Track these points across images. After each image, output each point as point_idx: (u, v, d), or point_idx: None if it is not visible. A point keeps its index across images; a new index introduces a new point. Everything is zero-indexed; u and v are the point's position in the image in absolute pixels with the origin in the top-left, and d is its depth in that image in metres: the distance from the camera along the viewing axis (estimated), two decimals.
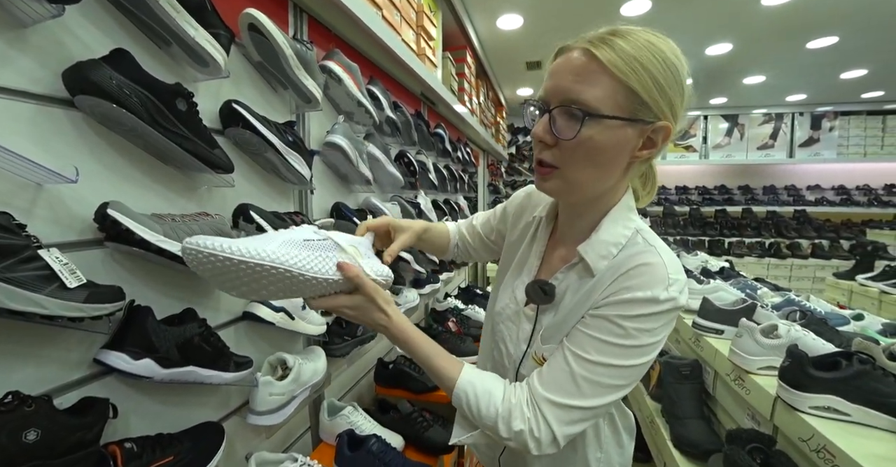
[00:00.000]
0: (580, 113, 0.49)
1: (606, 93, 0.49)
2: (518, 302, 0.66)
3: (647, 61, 0.49)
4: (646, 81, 0.49)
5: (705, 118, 5.26)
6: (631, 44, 0.49)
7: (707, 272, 1.51)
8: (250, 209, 0.82)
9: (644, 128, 0.51)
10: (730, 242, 4.10)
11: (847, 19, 2.81)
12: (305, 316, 1.01)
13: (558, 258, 0.64)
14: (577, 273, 0.59)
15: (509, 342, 0.67)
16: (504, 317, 0.68)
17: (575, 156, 0.52)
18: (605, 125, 0.49)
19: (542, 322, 0.61)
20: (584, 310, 0.55)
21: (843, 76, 4.05)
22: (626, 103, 0.49)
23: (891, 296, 2.43)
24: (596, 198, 0.58)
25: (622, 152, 0.52)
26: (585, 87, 0.49)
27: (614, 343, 0.51)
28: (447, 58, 2.40)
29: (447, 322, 1.82)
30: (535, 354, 0.61)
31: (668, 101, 0.50)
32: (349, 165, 1.20)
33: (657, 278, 0.50)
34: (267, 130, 0.84)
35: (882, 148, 5.16)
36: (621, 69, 0.48)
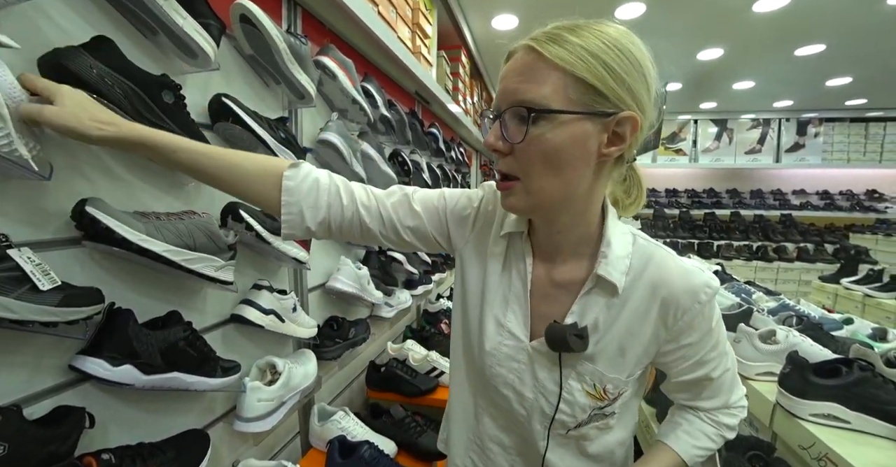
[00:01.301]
0: (525, 112, 0.45)
1: (555, 88, 0.44)
2: (517, 338, 0.57)
3: (596, 49, 0.44)
4: (597, 70, 0.44)
5: (695, 122, 5.33)
6: (577, 35, 0.45)
7: None
8: (239, 207, 0.79)
9: (606, 121, 0.46)
10: (719, 245, 4.16)
11: (834, 28, 2.87)
12: (296, 318, 0.97)
13: (554, 279, 0.56)
14: (598, 297, 0.53)
15: (520, 386, 0.57)
16: (500, 358, 0.58)
17: (532, 161, 0.47)
18: (557, 121, 0.44)
19: (576, 360, 0.54)
20: (652, 322, 0.53)
21: (828, 83, 4.13)
22: (578, 96, 0.44)
23: (873, 300, 2.48)
24: (572, 208, 0.51)
25: (584, 150, 0.46)
26: (531, 86, 0.45)
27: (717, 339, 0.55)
28: (442, 57, 2.38)
29: (440, 323, 1.80)
30: (597, 392, 0.54)
31: (627, 89, 0.45)
32: (342, 163, 1.17)
33: (693, 274, 0.52)
34: (258, 126, 0.81)
35: (864, 154, 5.29)
36: (566, 60, 0.44)
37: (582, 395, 0.55)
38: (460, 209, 0.63)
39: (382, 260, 1.50)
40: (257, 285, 0.89)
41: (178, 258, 0.63)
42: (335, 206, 0.60)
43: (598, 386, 0.54)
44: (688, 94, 4.55)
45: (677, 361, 0.55)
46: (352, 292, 1.24)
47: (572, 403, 0.55)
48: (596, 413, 0.56)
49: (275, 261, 1.01)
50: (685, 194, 5.60)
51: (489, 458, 0.64)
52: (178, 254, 0.64)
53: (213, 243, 0.71)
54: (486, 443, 0.64)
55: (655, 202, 5.50)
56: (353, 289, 1.24)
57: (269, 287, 0.90)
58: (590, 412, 0.56)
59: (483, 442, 0.64)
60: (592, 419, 0.56)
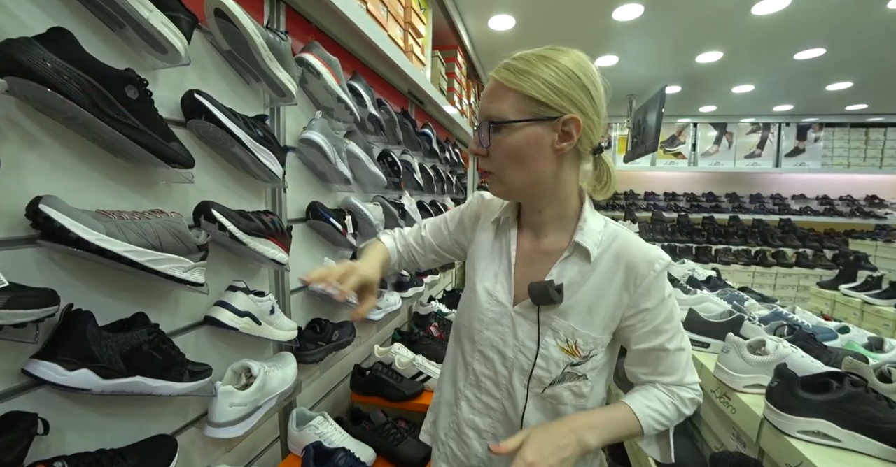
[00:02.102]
0: (492, 125, 0.60)
1: (510, 104, 0.59)
2: (502, 304, 0.68)
3: (536, 70, 0.58)
4: (537, 86, 0.57)
5: (695, 125, 5.31)
6: (522, 61, 0.59)
7: (694, 281, 1.48)
8: (212, 207, 0.77)
9: (553, 123, 0.59)
10: (717, 249, 4.13)
11: (835, 32, 2.85)
12: (274, 321, 0.95)
13: (540, 253, 0.68)
14: (575, 261, 0.65)
15: (503, 346, 0.67)
16: (487, 323, 0.68)
17: (500, 159, 0.62)
18: (513, 128, 0.59)
19: (551, 314, 0.64)
20: (617, 284, 0.62)
21: (829, 88, 4.11)
22: (527, 108, 0.59)
23: (872, 307, 2.45)
24: (545, 191, 0.65)
25: (540, 147, 0.60)
26: (494, 104, 0.61)
27: (670, 310, 0.63)
28: (437, 57, 2.36)
29: (429, 327, 1.77)
30: (569, 346, 0.63)
31: (566, 97, 0.58)
32: (327, 163, 1.15)
33: (650, 249, 0.63)
34: (233, 124, 0.79)
35: (865, 159, 5.26)
36: (516, 83, 0.58)
37: (556, 350, 0.63)
38: (456, 220, 0.82)
39: None
40: (232, 286, 0.87)
41: (141, 259, 0.61)
42: (404, 256, 0.86)
43: (570, 341, 0.63)
44: (687, 97, 4.53)
45: (637, 326, 0.63)
46: (335, 294, 1.21)
47: (548, 358, 0.64)
48: (569, 371, 0.63)
49: (254, 262, 0.99)
50: (684, 198, 5.57)
51: (465, 444, 0.72)
52: (142, 254, 0.61)
53: (182, 243, 0.69)
54: (463, 429, 0.72)
55: (654, 205, 5.47)
56: (334, 291, 1.21)
57: (244, 288, 0.88)
58: (563, 368, 0.63)
59: (460, 427, 0.72)
60: (566, 378, 0.64)
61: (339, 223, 1.22)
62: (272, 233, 0.91)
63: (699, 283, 1.45)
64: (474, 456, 0.71)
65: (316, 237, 1.29)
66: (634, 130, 4.41)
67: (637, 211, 5.34)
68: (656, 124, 3.87)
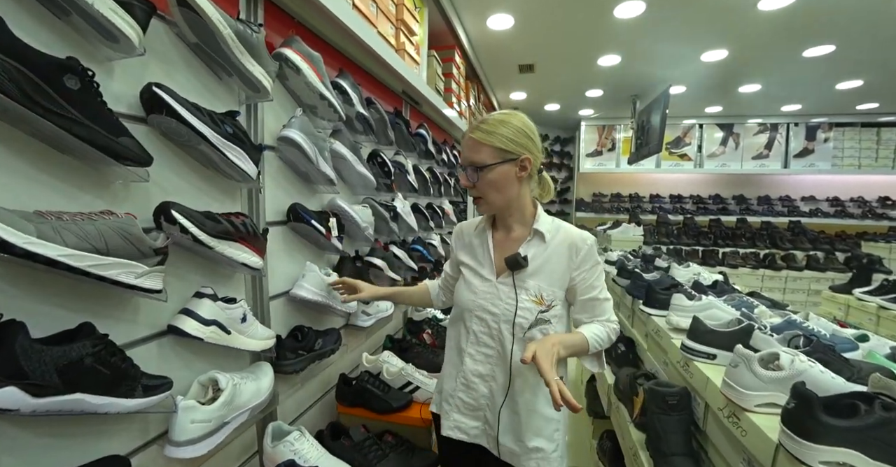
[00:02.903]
0: (476, 168, 0.89)
1: (487, 153, 0.88)
2: (488, 279, 0.96)
3: (499, 129, 0.88)
4: (502, 139, 0.88)
5: (700, 126, 5.21)
6: (489, 123, 0.89)
7: (699, 286, 1.40)
8: (172, 208, 0.71)
9: (515, 162, 0.89)
10: (724, 252, 4.01)
11: (845, 28, 2.76)
12: (246, 329, 0.90)
13: (511, 240, 0.97)
14: (535, 242, 0.95)
15: (493, 307, 0.93)
16: (478, 294, 0.96)
17: (484, 188, 0.91)
18: (490, 168, 0.89)
19: (523, 278, 0.92)
20: (564, 256, 0.93)
21: (838, 87, 4.00)
22: (497, 154, 0.88)
23: (889, 312, 2.34)
24: (512, 205, 0.95)
25: (509, 178, 0.90)
26: (475, 154, 0.89)
27: (599, 273, 0.95)
28: (433, 56, 2.31)
29: (422, 333, 1.71)
30: (537, 298, 0.91)
31: (519, 144, 0.89)
32: (308, 163, 1.10)
33: (583, 232, 0.96)
34: (196, 119, 0.74)
35: (876, 160, 5.12)
36: (487, 139, 0.88)
37: (529, 302, 0.91)
38: (452, 250, 1.10)
39: (359, 266, 1.42)
40: (199, 293, 0.82)
41: (80, 263, 0.56)
42: (444, 291, 1.16)
43: (538, 294, 0.91)
44: (692, 98, 4.44)
45: (579, 282, 0.93)
46: (317, 300, 1.16)
47: (524, 308, 0.91)
48: (539, 317, 0.91)
49: (227, 266, 0.93)
50: (690, 200, 5.47)
51: (473, 389, 0.95)
52: (81, 258, 0.56)
53: (134, 247, 0.64)
54: (470, 378, 0.96)
55: (659, 208, 5.37)
56: (318, 297, 1.16)
57: (212, 295, 0.82)
58: (536, 314, 0.91)
59: (467, 378, 0.96)
60: (538, 323, 0.91)
61: (322, 225, 1.16)
62: (243, 236, 0.85)
63: (704, 288, 1.36)
64: (481, 396, 0.95)
65: (299, 240, 1.23)
66: (638, 132, 4.33)
67: (642, 213, 5.24)
68: (661, 125, 3.79)
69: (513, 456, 0.92)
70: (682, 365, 1.00)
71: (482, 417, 0.94)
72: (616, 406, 1.31)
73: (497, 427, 0.91)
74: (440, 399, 1.02)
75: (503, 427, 0.92)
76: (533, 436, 0.91)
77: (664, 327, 1.23)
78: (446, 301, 1.16)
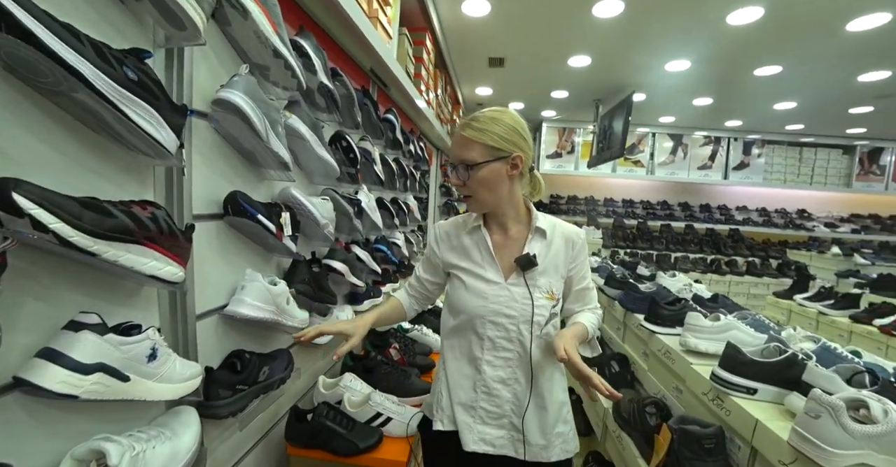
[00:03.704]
0: (467, 166, 0.88)
1: (477, 150, 0.88)
2: (497, 283, 0.92)
3: (490, 127, 0.87)
4: (493, 137, 0.87)
5: (653, 135, 5.42)
6: (480, 121, 0.88)
7: (700, 300, 1.31)
8: (15, 189, 0.43)
9: (506, 159, 0.88)
10: (676, 257, 4.17)
11: (794, 49, 2.90)
12: (156, 370, 0.62)
13: (510, 240, 0.96)
14: (537, 240, 0.95)
15: (509, 310, 0.91)
16: (489, 298, 0.92)
17: (475, 187, 0.90)
18: (481, 166, 0.88)
19: (534, 277, 0.92)
20: (563, 250, 0.96)
21: (776, 106, 4.31)
22: (488, 152, 0.88)
23: (827, 317, 2.49)
24: (503, 203, 0.94)
25: (500, 176, 0.89)
26: (466, 152, 0.89)
27: (588, 265, 1.02)
28: (404, 34, 2.07)
29: (388, 349, 1.47)
30: (549, 293, 0.92)
31: (511, 142, 0.88)
32: (255, 139, 0.83)
33: (575, 227, 1.01)
34: (62, 44, 0.46)
35: (798, 176, 5.67)
36: (478, 137, 0.87)
37: (543, 300, 0.91)
38: (431, 251, 1.05)
39: (315, 271, 1.16)
40: (74, 323, 0.53)
41: None
42: (417, 298, 1.10)
43: (549, 290, 0.92)
44: (650, 106, 4.58)
45: (574, 274, 0.97)
46: (263, 317, 0.89)
47: (539, 306, 0.90)
48: (552, 312, 0.92)
49: (129, 280, 0.65)
50: (640, 205, 5.69)
51: (496, 396, 0.91)
52: None
53: None
54: (491, 385, 0.92)
55: (613, 211, 5.53)
56: (264, 313, 0.89)
57: (96, 325, 0.54)
58: (549, 310, 0.91)
59: (488, 386, 0.92)
60: (551, 318, 0.92)
61: (272, 221, 0.90)
62: (151, 235, 0.58)
63: (705, 302, 1.28)
64: (505, 402, 0.92)
65: (239, 240, 0.95)
66: (601, 136, 4.38)
67: (597, 216, 5.35)
68: (623, 131, 3.83)
69: (541, 450, 0.91)
70: (711, 398, 0.88)
71: (507, 424, 0.92)
72: (616, 434, 1.18)
73: (524, 428, 0.90)
74: (453, 413, 0.93)
75: (531, 426, 0.91)
76: (555, 423, 0.93)
77: (675, 349, 1.11)
78: (418, 309, 1.12)
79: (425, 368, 1.52)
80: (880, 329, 2.13)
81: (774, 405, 0.81)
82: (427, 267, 1.06)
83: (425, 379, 1.39)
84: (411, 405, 1.19)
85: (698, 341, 1.04)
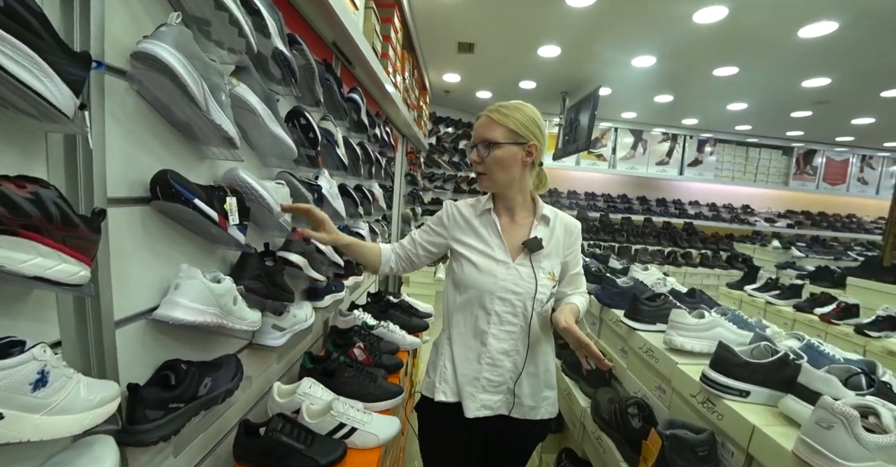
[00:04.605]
0: (489, 144, 1.00)
1: (500, 133, 1.00)
2: (506, 263, 1.04)
3: (514, 114, 1.00)
4: (516, 123, 0.99)
5: (616, 130, 5.56)
6: (507, 107, 1.01)
7: (678, 295, 1.30)
8: None
9: (523, 146, 1.01)
10: (636, 249, 4.31)
11: (751, 51, 3.02)
12: (46, 401, 0.48)
13: (517, 224, 1.08)
14: (541, 226, 1.08)
15: (516, 287, 1.02)
16: (499, 276, 1.02)
17: (491, 165, 1.01)
18: (502, 148, 1.00)
19: (539, 259, 1.05)
20: (562, 238, 1.09)
21: (729, 107, 4.53)
22: (509, 135, 1.00)
23: (773, 307, 2.65)
24: (512, 188, 1.06)
25: (515, 159, 1.01)
26: (489, 132, 1.00)
27: (580, 252, 1.14)
28: (371, 8, 1.91)
29: (352, 348, 1.36)
30: (550, 275, 1.06)
31: (530, 131, 1.00)
32: (190, 107, 0.68)
33: (572, 218, 1.13)
34: None
35: (744, 174, 6.06)
36: (503, 120, 0.99)
37: (545, 279, 1.04)
38: (438, 221, 1.15)
39: (269, 266, 1.02)
40: None
41: None
42: (402, 256, 1.17)
43: (552, 272, 1.06)
44: (614, 101, 4.66)
45: (570, 259, 1.10)
46: (203, 321, 0.75)
47: (542, 285, 1.03)
48: (552, 292, 1.07)
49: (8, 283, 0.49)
50: (602, 198, 5.84)
51: (499, 366, 1.03)
52: None
53: None
54: (495, 356, 1.03)
55: (576, 204, 5.64)
56: (204, 316, 0.75)
57: None
58: (550, 290, 1.06)
59: (493, 356, 1.03)
60: (551, 297, 1.07)
61: (213, 208, 0.75)
62: (33, 222, 0.43)
63: (682, 297, 1.26)
64: (506, 371, 1.03)
65: (174, 230, 0.80)
66: (567, 128, 4.40)
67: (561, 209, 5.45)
68: (589, 124, 3.87)
69: (530, 410, 1.05)
70: (701, 400, 0.84)
71: (505, 390, 1.03)
72: (596, 435, 1.14)
73: (518, 392, 1.03)
74: (457, 385, 1.03)
75: (523, 390, 1.04)
76: (544, 388, 1.07)
77: (658, 347, 1.08)
78: (396, 270, 1.17)
79: (393, 368, 1.42)
80: (821, 317, 2.28)
81: (768, 408, 0.78)
82: (427, 237, 1.14)
83: (392, 381, 1.29)
84: (378, 412, 1.09)
85: (684, 340, 1.01)
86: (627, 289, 1.32)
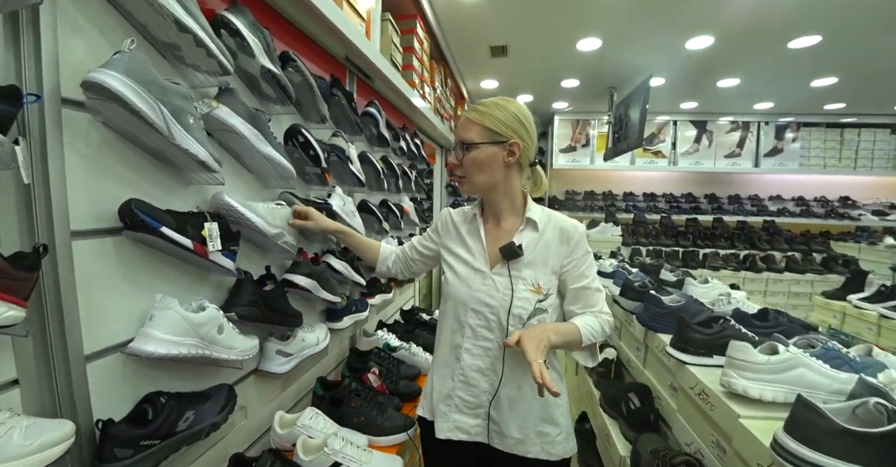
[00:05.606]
0: (465, 145, 0.93)
1: (476, 132, 0.92)
2: (482, 271, 0.95)
3: (492, 111, 0.91)
4: (493, 121, 0.91)
5: (675, 123, 5.07)
6: (484, 105, 0.93)
7: (743, 318, 1.02)
8: None
9: (503, 144, 0.92)
10: (704, 254, 3.83)
11: (831, 17, 2.56)
12: None
13: (502, 231, 0.99)
14: (528, 231, 0.96)
15: (489, 299, 0.93)
16: (473, 287, 0.95)
17: (469, 167, 0.94)
18: (478, 148, 0.92)
19: (519, 268, 0.93)
20: (554, 244, 0.95)
21: (813, 84, 3.91)
22: (486, 135, 0.91)
23: (891, 321, 2.16)
24: (498, 191, 0.97)
25: (495, 160, 0.92)
26: (466, 132, 0.93)
27: (590, 263, 0.96)
28: (388, 20, 1.89)
29: (367, 373, 1.29)
30: (534, 287, 0.92)
31: (510, 129, 0.91)
32: (152, 132, 0.66)
33: (572, 220, 0.98)
34: None
35: (840, 160, 5.18)
36: (479, 119, 0.92)
37: (526, 292, 0.92)
38: (433, 229, 1.12)
39: (268, 290, 0.99)
40: None
41: None
42: (401, 257, 1.17)
43: (535, 283, 0.92)
44: (669, 92, 4.25)
45: (571, 270, 0.94)
46: (179, 354, 0.72)
47: (521, 298, 0.91)
48: (538, 307, 0.92)
49: None
50: (663, 199, 5.33)
51: (473, 386, 0.94)
52: None
53: None
54: (469, 374, 0.94)
55: (634, 206, 5.20)
56: (180, 348, 0.72)
57: None
58: (534, 304, 0.91)
59: (466, 375, 0.95)
60: (536, 312, 0.91)
61: (183, 235, 0.72)
62: None
63: (748, 321, 0.99)
64: (482, 392, 0.94)
65: (159, 259, 0.79)
66: (616, 126, 4.08)
67: (616, 212, 5.04)
68: (640, 119, 3.54)
69: (517, 443, 0.92)
70: None
71: (483, 414, 0.93)
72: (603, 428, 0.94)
73: (499, 418, 0.92)
74: (431, 402, 0.98)
75: (506, 417, 0.92)
76: (538, 421, 0.92)
77: (715, 389, 0.85)
78: (394, 271, 1.17)
79: (409, 396, 1.32)
80: None
81: None
82: (423, 243, 1.12)
83: (407, 411, 1.19)
84: (385, 447, 1.00)
85: (748, 383, 0.75)
86: (675, 309, 1.08)
